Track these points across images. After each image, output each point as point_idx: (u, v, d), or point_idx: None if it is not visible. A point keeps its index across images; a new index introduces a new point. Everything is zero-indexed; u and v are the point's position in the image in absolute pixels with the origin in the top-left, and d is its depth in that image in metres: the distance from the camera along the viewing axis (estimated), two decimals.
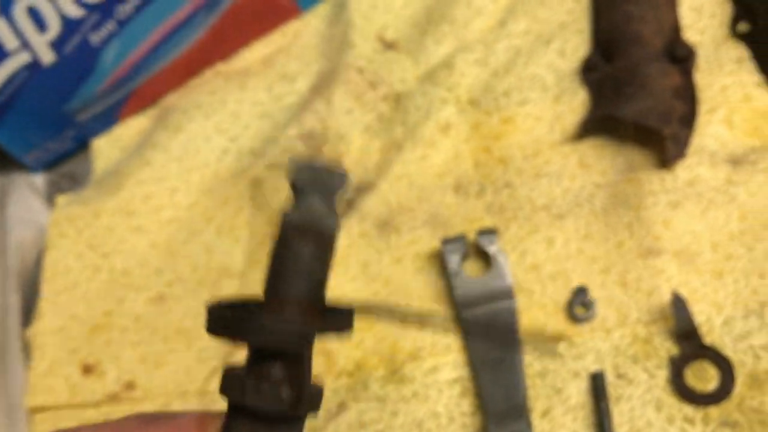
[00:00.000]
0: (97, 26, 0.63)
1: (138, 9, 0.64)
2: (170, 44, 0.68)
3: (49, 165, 0.72)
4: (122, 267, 0.63)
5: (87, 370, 0.59)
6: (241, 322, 0.27)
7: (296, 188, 0.28)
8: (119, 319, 0.61)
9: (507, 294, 0.53)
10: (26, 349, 0.60)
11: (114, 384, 0.58)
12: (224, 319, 0.27)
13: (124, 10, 0.63)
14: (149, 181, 0.66)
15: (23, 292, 0.64)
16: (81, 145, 0.72)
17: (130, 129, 0.72)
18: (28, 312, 0.62)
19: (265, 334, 0.27)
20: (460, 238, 0.55)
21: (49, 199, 0.69)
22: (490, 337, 0.52)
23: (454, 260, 0.54)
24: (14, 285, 0.64)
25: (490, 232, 0.54)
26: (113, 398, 0.57)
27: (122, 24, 0.64)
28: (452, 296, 0.54)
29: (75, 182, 0.71)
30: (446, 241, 0.55)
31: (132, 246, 0.64)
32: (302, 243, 0.27)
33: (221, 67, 0.73)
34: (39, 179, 0.71)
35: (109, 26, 0.64)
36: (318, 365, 0.54)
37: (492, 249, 0.54)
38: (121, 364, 0.59)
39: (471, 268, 0.56)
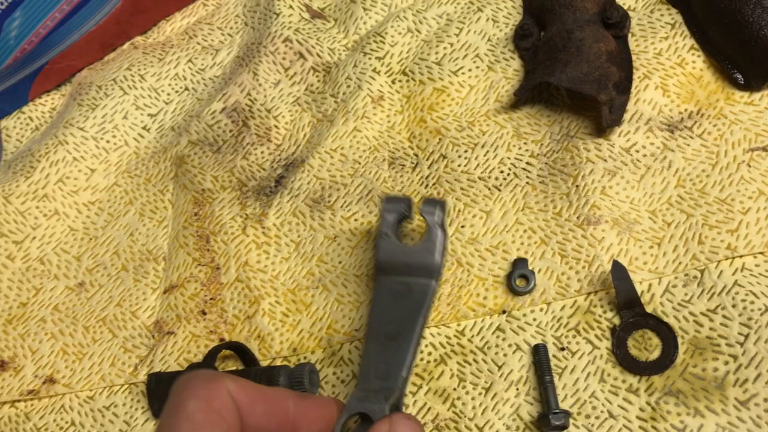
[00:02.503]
0: None
1: None
2: (82, 15, 0.64)
3: None
4: (38, 254, 0.59)
5: (1, 366, 0.55)
6: None
7: None
8: (36, 310, 0.57)
9: (429, 272, 0.47)
10: None
11: (32, 380, 0.54)
12: None
13: None
14: (64, 162, 0.62)
15: None
16: None
17: (42, 107, 0.68)
18: None
19: None
20: (404, 200, 0.50)
21: None
22: (394, 310, 0.47)
23: (389, 219, 0.49)
24: None
25: (436, 203, 0.49)
26: (32, 395, 0.54)
27: None
28: (375, 257, 0.50)
29: None
30: (388, 199, 0.50)
31: (48, 232, 0.60)
32: None
33: (139, 40, 0.69)
34: None
35: None
36: (252, 349, 0.52)
37: (431, 219, 0.49)
38: (40, 358, 0.55)
39: (405, 235, 0.53)
